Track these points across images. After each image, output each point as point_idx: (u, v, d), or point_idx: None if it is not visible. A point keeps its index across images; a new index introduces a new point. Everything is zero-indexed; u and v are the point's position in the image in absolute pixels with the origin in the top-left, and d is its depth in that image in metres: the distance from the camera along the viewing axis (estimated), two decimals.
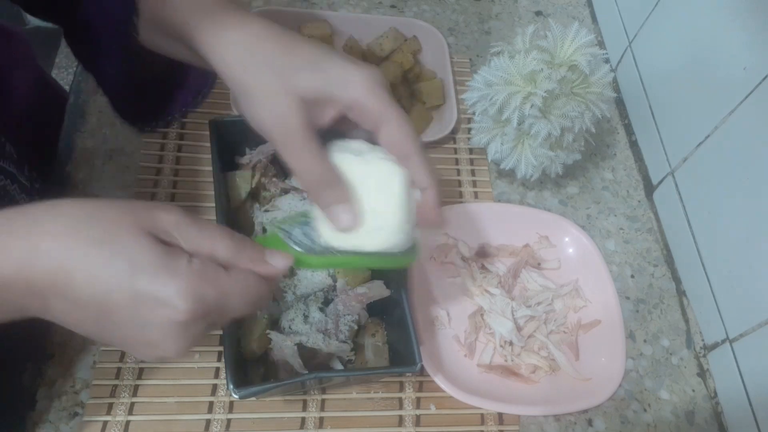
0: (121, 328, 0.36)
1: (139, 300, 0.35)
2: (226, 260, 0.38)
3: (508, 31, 0.90)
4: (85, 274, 0.34)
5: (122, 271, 0.35)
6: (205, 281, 0.36)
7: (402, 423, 0.59)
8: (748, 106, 0.60)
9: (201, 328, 0.38)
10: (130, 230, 0.35)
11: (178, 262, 0.36)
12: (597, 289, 0.68)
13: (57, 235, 0.35)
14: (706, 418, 0.65)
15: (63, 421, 0.55)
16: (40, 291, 0.35)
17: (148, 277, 0.35)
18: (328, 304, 0.60)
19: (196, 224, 0.38)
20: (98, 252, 0.35)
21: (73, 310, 0.36)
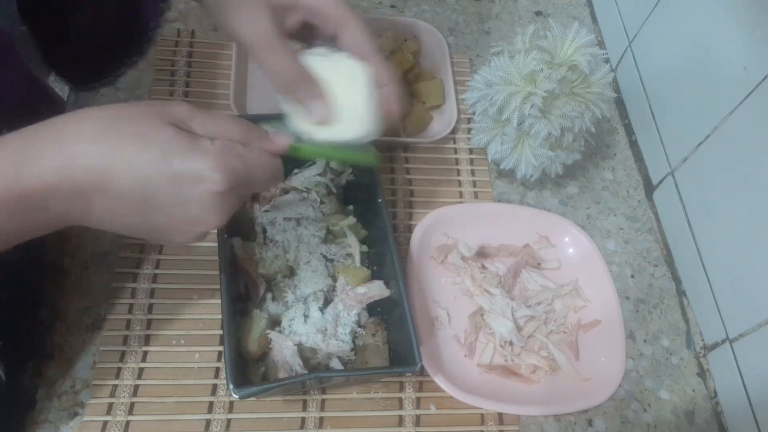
0: (165, 210, 0.39)
1: (178, 179, 0.38)
2: (240, 140, 0.43)
3: (508, 31, 0.90)
4: (124, 167, 0.37)
5: (158, 157, 0.38)
6: (232, 156, 0.41)
7: (402, 423, 0.59)
8: (748, 106, 0.60)
9: (235, 198, 0.42)
10: (154, 123, 0.39)
11: (203, 143, 0.40)
12: (597, 289, 0.68)
13: (89, 136, 0.37)
14: (706, 418, 0.65)
15: (63, 421, 0.55)
16: (83, 191, 0.37)
17: (182, 158, 0.38)
18: (328, 304, 0.60)
19: (205, 113, 0.42)
20: (132, 145, 0.38)
21: (116, 205, 0.38)
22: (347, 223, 0.63)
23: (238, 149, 0.42)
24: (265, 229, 0.62)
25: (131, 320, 0.60)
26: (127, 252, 0.64)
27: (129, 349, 0.59)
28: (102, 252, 0.64)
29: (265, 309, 0.58)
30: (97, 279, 0.63)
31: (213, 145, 0.40)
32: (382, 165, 0.73)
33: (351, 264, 0.62)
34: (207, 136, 0.41)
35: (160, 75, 0.75)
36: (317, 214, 0.64)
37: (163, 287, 0.63)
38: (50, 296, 0.61)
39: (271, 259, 0.60)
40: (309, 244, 0.61)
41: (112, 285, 0.62)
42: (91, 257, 0.64)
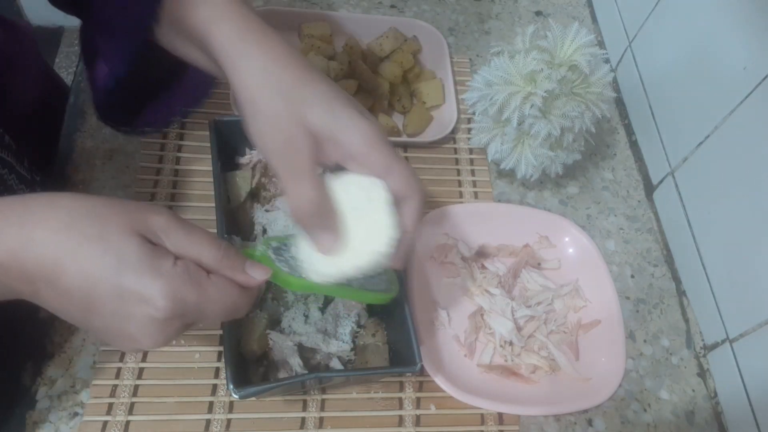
0: (104, 319, 0.38)
1: (123, 295, 0.37)
2: (209, 266, 0.41)
3: (508, 31, 0.90)
4: (75, 267, 0.37)
5: (110, 267, 0.37)
6: (186, 284, 0.39)
7: (402, 423, 0.59)
8: (748, 106, 0.60)
9: (177, 326, 0.40)
10: (121, 230, 0.38)
11: (164, 263, 0.38)
12: (597, 289, 0.68)
13: (53, 227, 0.37)
14: (706, 418, 0.65)
15: (63, 421, 0.56)
16: (32, 277, 0.37)
17: (134, 274, 0.37)
18: (328, 304, 0.60)
19: (183, 228, 0.40)
20: (90, 247, 0.37)
21: (60, 298, 0.38)
22: None
23: (199, 277, 0.40)
24: (265, 229, 0.62)
25: None
26: None
27: None
28: None
29: (265, 309, 0.58)
30: None
31: (173, 268, 0.38)
32: None
33: None
34: (176, 253, 0.39)
35: None
36: None
37: None
38: None
39: None
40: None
41: None
42: None
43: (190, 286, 0.39)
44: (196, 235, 0.40)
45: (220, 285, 0.41)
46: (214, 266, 0.41)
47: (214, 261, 0.41)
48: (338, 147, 0.45)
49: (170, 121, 0.62)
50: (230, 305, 0.41)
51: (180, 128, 0.72)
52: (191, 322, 0.41)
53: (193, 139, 0.72)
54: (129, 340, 0.40)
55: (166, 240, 0.39)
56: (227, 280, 0.41)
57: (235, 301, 0.41)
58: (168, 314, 0.38)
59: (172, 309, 0.38)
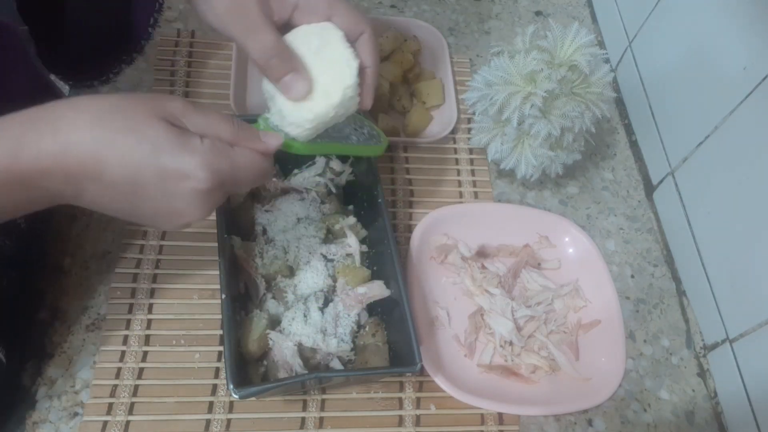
0: (152, 201, 0.41)
1: (165, 175, 0.40)
2: (229, 140, 0.44)
3: (508, 31, 0.90)
4: (116, 159, 0.39)
5: (148, 153, 0.40)
6: (218, 155, 0.42)
7: (402, 423, 0.59)
8: (748, 106, 0.60)
9: (219, 195, 0.43)
10: (147, 118, 0.40)
11: (193, 141, 0.41)
12: (597, 289, 0.68)
13: (85, 127, 0.39)
14: (706, 418, 0.65)
15: (63, 421, 0.56)
16: (76, 177, 0.39)
17: (171, 155, 0.40)
18: (328, 304, 0.60)
19: (199, 110, 0.43)
20: (124, 139, 0.39)
21: (106, 192, 0.41)
22: (347, 223, 0.63)
23: (226, 149, 0.43)
24: (265, 229, 0.62)
25: (131, 320, 0.60)
26: (127, 252, 0.64)
27: (129, 349, 0.59)
28: (102, 252, 0.64)
29: (265, 309, 0.58)
30: (97, 279, 0.63)
31: (202, 144, 0.41)
32: (382, 165, 0.73)
33: (351, 264, 0.62)
34: (198, 133, 0.42)
35: (160, 75, 0.75)
36: (317, 214, 0.64)
37: (163, 287, 0.63)
38: (50, 296, 0.61)
39: (271, 259, 0.60)
40: (309, 244, 0.61)
41: (112, 285, 0.62)
42: (91, 257, 0.64)
43: (222, 157, 0.42)
44: (211, 115, 0.43)
45: (245, 152, 0.44)
46: (233, 140, 0.44)
47: (233, 135, 0.44)
48: (282, 2, 0.49)
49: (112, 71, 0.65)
50: (258, 169, 0.45)
51: None
52: (228, 189, 0.44)
53: None
54: (177, 217, 0.43)
55: (187, 122, 0.42)
56: (248, 149, 0.45)
57: (261, 165, 0.45)
58: (209, 184, 0.41)
59: (212, 179, 0.41)
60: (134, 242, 0.65)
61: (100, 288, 0.62)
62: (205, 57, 0.78)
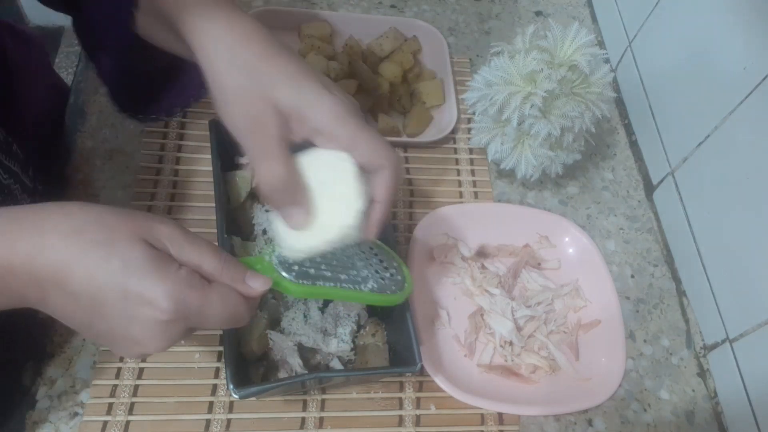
0: (109, 322, 0.39)
1: (128, 297, 0.38)
2: (211, 274, 0.41)
3: (508, 31, 0.90)
4: (83, 270, 0.38)
5: (116, 270, 0.38)
6: (190, 287, 0.40)
7: (402, 423, 0.59)
8: (748, 106, 0.60)
9: (180, 330, 0.41)
10: (127, 236, 0.39)
11: (168, 267, 0.39)
12: (597, 289, 0.68)
13: (63, 233, 0.38)
14: (706, 418, 0.65)
15: (63, 421, 0.56)
16: (42, 282, 0.38)
17: (139, 277, 0.38)
18: (328, 304, 0.60)
19: (187, 238, 0.41)
20: (96, 251, 0.38)
21: (68, 302, 0.39)
22: None
23: (201, 283, 0.40)
24: (265, 229, 0.62)
25: None
26: None
27: None
28: None
29: (265, 309, 0.58)
30: None
31: (176, 273, 0.39)
32: None
33: None
34: (179, 260, 0.40)
35: None
36: None
37: None
38: None
39: None
40: None
41: None
42: None
43: (193, 290, 0.40)
44: (198, 244, 0.41)
45: (222, 292, 0.41)
46: (215, 275, 0.41)
47: (216, 270, 0.41)
48: (305, 123, 0.45)
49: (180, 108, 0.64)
50: (232, 311, 0.42)
51: (180, 128, 0.72)
52: (194, 326, 0.41)
53: (193, 139, 0.72)
54: (133, 344, 0.40)
55: (171, 247, 0.40)
56: (228, 287, 0.42)
57: (236, 308, 0.42)
58: (171, 316, 0.39)
59: (175, 311, 0.39)
60: None
61: None
62: None
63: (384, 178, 0.46)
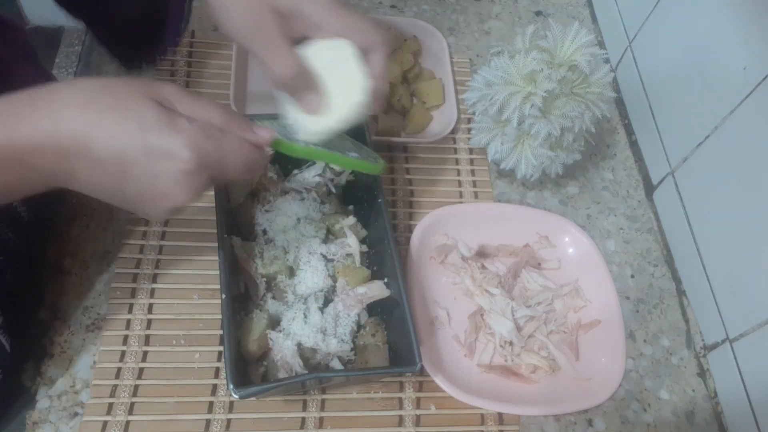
0: (137, 181, 0.41)
1: (150, 153, 0.40)
2: (220, 125, 0.44)
3: (508, 31, 0.90)
4: (103, 135, 0.40)
5: (134, 130, 0.40)
6: (206, 137, 0.42)
7: (402, 423, 0.59)
8: (748, 106, 0.60)
9: (204, 180, 0.43)
10: (137, 97, 0.41)
11: (181, 121, 0.41)
12: (597, 289, 0.68)
13: (76, 104, 0.40)
14: (706, 418, 0.65)
15: (63, 421, 0.56)
16: (67, 154, 0.40)
17: (156, 133, 0.40)
18: (328, 304, 0.60)
19: (191, 95, 0.43)
20: (112, 115, 0.40)
21: (95, 170, 0.40)
22: (347, 223, 0.63)
23: (215, 132, 0.43)
24: (265, 230, 0.62)
25: (131, 320, 0.60)
26: (127, 252, 0.64)
27: (129, 349, 0.59)
28: (102, 252, 0.64)
29: (265, 309, 0.58)
30: (97, 279, 0.63)
31: (190, 125, 0.41)
32: None
33: (351, 264, 0.62)
34: (188, 116, 0.42)
35: (161, 75, 0.75)
36: (317, 214, 0.64)
37: (163, 287, 0.63)
38: (50, 296, 0.61)
39: (271, 259, 0.60)
40: (309, 244, 0.61)
41: (112, 285, 0.62)
42: (91, 257, 0.64)
43: (209, 139, 0.42)
44: (204, 101, 0.43)
45: (235, 140, 0.44)
46: (225, 126, 0.44)
47: (224, 121, 0.44)
48: (302, 19, 0.50)
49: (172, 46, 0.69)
50: (248, 159, 0.44)
51: None
52: (216, 175, 0.43)
53: None
54: (161, 199, 0.42)
55: (178, 105, 0.42)
56: (239, 136, 0.44)
57: (251, 156, 0.45)
58: (193, 165, 0.41)
59: (196, 160, 0.41)
60: (134, 242, 0.65)
61: (100, 288, 0.62)
62: (205, 57, 0.78)
63: (378, 56, 0.51)
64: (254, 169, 0.46)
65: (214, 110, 0.44)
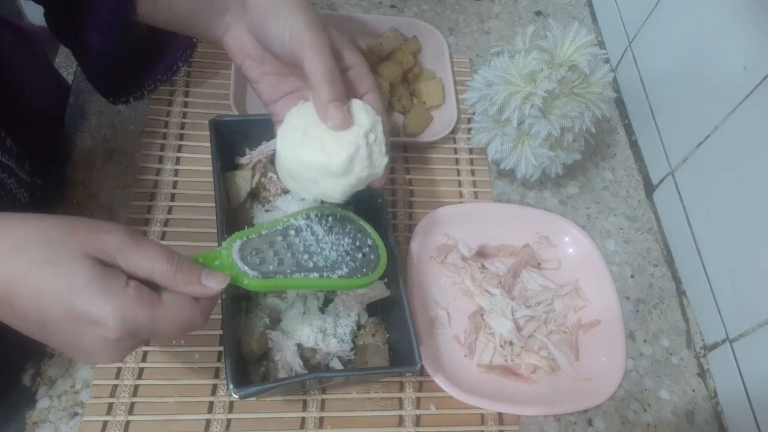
0: (60, 338, 0.39)
1: (75, 317, 0.38)
2: (163, 280, 0.41)
3: (508, 31, 0.90)
4: (27, 291, 0.37)
5: (62, 290, 0.37)
6: (138, 305, 0.39)
7: (402, 423, 0.59)
8: (748, 106, 0.60)
9: (131, 344, 0.41)
10: (72, 252, 0.38)
11: (115, 284, 0.38)
12: (597, 289, 0.68)
13: (5, 252, 0.38)
14: (706, 418, 0.65)
15: (63, 421, 0.56)
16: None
17: (84, 297, 0.38)
18: (328, 304, 0.60)
19: (136, 246, 0.40)
20: (40, 271, 0.37)
21: (18, 319, 0.39)
22: None
23: (151, 297, 0.40)
24: None
25: None
26: None
27: None
28: None
29: (265, 309, 0.58)
30: None
31: (124, 290, 0.39)
32: None
33: None
34: (128, 272, 0.40)
35: None
36: None
37: None
38: None
39: None
40: None
41: None
42: None
43: (142, 307, 0.39)
44: (149, 251, 0.40)
45: (173, 302, 0.41)
46: (168, 280, 0.41)
47: (169, 275, 0.41)
48: None
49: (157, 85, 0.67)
50: (184, 322, 0.41)
51: (180, 128, 0.72)
52: (144, 339, 0.42)
53: (193, 139, 0.72)
54: (86, 356, 0.41)
55: (119, 259, 0.40)
56: (181, 296, 0.41)
57: (189, 318, 0.41)
58: (119, 335, 0.39)
59: (123, 330, 0.38)
60: None
61: None
62: (205, 57, 0.78)
63: (362, 71, 0.53)
64: (192, 329, 0.43)
65: (159, 263, 0.40)
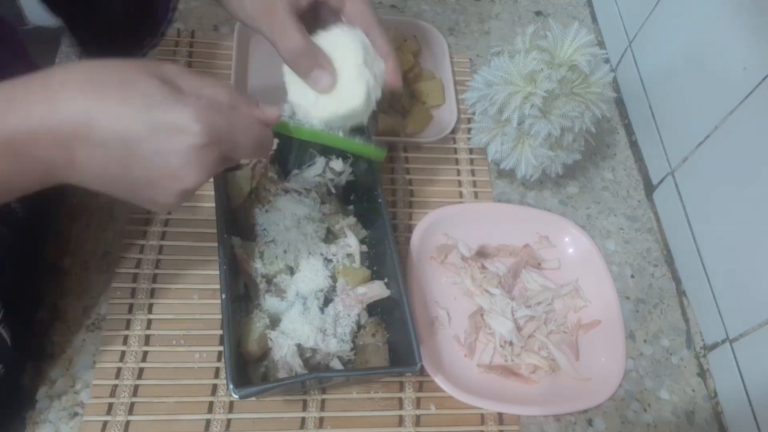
0: (143, 163, 0.38)
1: (157, 130, 0.38)
2: (226, 103, 0.42)
3: (508, 31, 0.90)
4: (105, 115, 0.37)
5: (139, 107, 0.38)
6: (215, 112, 0.40)
7: (402, 423, 0.59)
8: (748, 106, 0.60)
9: (216, 156, 0.40)
10: (140, 74, 0.39)
11: (188, 96, 0.40)
12: (597, 289, 0.68)
13: (74, 84, 0.37)
14: (706, 418, 0.65)
15: (63, 421, 0.56)
16: (66, 139, 0.37)
17: (164, 108, 0.38)
18: (328, 304, 0.60)
19: (195, 73, 0.42)
20: (115, 93, 0.38)
21: (97, 155, 0.38)
22: (347, 223, 0.63)
23: (223, 107, 0.41)
24: (265, 230, 0.62)
25: (131, 320, 0.60)
26: (127, 252, 0.64)
27: (129, 349, 0.59)
28: (102, 252, 0.64)
29: (265, 309, 0.58)
30: (97, 279, 0.63)
31: (198, 100, 0.40)
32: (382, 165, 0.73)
33: (351, 264, 0.62)
34: (193, 94, 0.41)
35: None
36: (317, 214, 0.64)
37: (163, 287, 0.63)
38: (50, 296, 0.61)
39: (271, 259, 0.60)
40: (309, 244, 0.61)
41: (112, 285, 0.62)
42: (91, 257, 0.64)
43: (219, 113, 0.40)
44: (209, 79, 0.42)
45: (244, 115, 0.42)
46: (231, 103, 0.42)
47: (231, 99, 0.42)
48: None
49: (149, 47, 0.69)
50: (258, 135, 0.43)
51: None
52: (227, 151, 0.41)
53: None
54: (174, 180, 0.39)
55: (182, 83, 0.40)
56: (247, 113, 0.43)
57: (260, 132, 0.43)
58: (205, 139, 0.39)
59: (208, 133, 0.39)
60: (134, 242, 0.65)
61: (100, 288, 0.62)
62: (205, 57, 0.78)
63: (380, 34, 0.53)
64: (265, 146, 0.44)
65: (219, 88, 0.42)
